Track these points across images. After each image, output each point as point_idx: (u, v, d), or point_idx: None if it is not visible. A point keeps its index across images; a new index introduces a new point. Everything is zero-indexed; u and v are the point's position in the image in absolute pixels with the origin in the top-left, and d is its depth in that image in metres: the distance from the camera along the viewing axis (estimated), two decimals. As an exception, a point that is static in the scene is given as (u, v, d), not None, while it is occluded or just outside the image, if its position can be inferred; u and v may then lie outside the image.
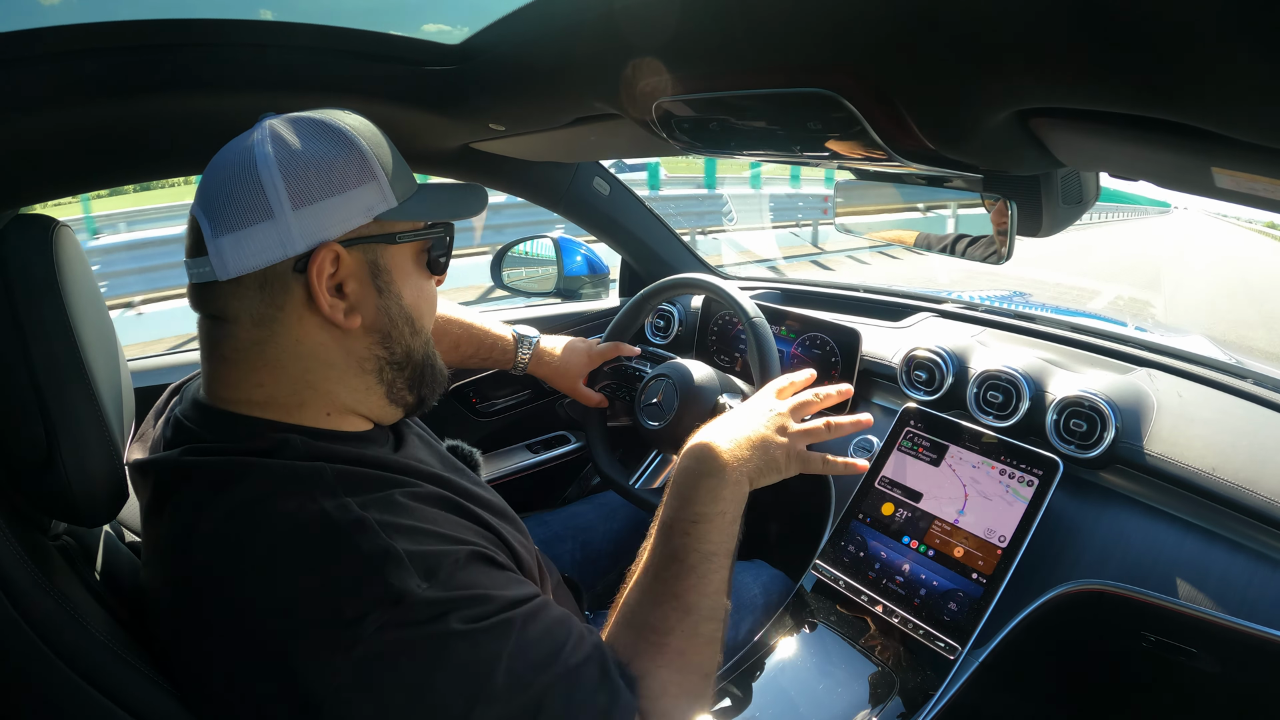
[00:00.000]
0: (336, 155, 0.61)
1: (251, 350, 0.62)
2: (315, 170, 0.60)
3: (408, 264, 0.68)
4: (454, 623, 0.53)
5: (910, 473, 1.18)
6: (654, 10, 0.63)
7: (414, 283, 0.69)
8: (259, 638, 0.52)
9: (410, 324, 0.69)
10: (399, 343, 0.68)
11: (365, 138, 0.64)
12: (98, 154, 0.88)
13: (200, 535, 0.56)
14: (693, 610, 0.67)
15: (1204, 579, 0.94)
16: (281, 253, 0.59)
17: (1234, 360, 1.29)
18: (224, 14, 1.55)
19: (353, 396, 0.67)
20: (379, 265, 0.65)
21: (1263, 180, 0.49)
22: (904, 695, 0.98)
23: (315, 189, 0.60)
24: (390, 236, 0.65)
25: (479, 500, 0.69)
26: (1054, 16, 0.40)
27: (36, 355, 0.59)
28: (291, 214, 0.59)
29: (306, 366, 0.63)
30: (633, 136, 0.99)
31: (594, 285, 1.78)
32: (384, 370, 0.68)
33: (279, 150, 0.59)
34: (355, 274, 0.64)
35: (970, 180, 0.82)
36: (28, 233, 0.61)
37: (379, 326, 0.66)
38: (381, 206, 0.63)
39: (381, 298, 0.66)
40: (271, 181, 0.58)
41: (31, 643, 0.54)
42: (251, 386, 0.62)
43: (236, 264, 0.59)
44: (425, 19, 63.59)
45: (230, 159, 0.61)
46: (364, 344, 0.66)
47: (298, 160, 0.59)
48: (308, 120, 0.63)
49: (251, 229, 0.58)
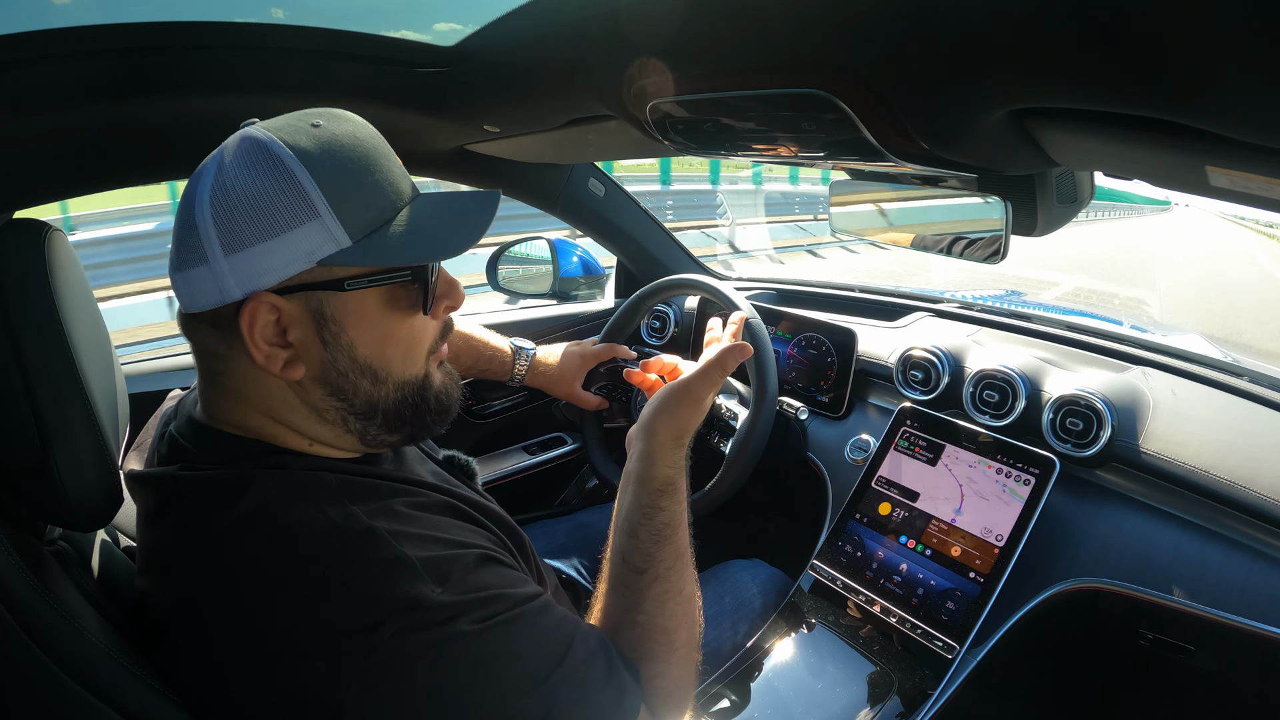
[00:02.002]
0: (271, 192, 0.54)
1: (223, 378, 0.60)
2: (246, 211, 0.54)
3: (368, 309, 0.60)
4: (468, 624, 0.54)
5: (907, 472, 1.19)
6: (648, 11, 0.62)
7: (378, 328, 0.60)
8: (272, 647, 0.52)
9: (371, 374, 0.61)
10: (356, 394, 0.61)
11: (315, 162, 0.55)
12: (89, 158, 0.88)
13: (206, 546, 0.56)
14: (691, 600, 0.70)
15: (1201, 576, 0.94)
16: (219, 298, 0.55)
17: (1230, 358, 1.29)
18: (236, 14, 1.55)
19: (327, 435, 0.63)
20: (325, 315, 0.58)
21: (1257, 179, 0.49)
22: (902, 695, 0.98)
23: (245, 233, 0.54)
24: (338, 283, 0.57)
25: (480, 508, 0.69)
26: (1049, 17, 0.40)
27: (30, 359, 0.59)
28: (224, 259, 0.54)
29: (269, 405, 0.61)
30: (628, 137, 0.99)
31: (589, 286, 1.78)
32: (348, 419, 0.62)
33: (216, 186, 0.54)
34: (298, 321, 0.57)
35: (965, 180, 0.82)
36: (21, 237, 0.60)
37: (327, 379, 0.60)
38: (328, 248, 0.55)
39: (327, 350, 0.59)
40: (204, 224, 0.54)
41: (27, 648, 0.53)
42: (238, 414, 0.62)
43: (188, 302, 0.57)
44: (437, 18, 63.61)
45: (188, 188, 0.57)
46: (317, 394, 0.61)
47: (230, 200, 0.54)
48: (256, 145, 0.55)
49: (191, 271, 0.56)
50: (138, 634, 0.62)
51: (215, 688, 0.56)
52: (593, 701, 0.58)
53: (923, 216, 1.01)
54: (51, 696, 0.54)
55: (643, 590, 0.68)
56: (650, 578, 0.69)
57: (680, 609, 0.69)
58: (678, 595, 0.69)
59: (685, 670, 0.69)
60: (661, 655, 0.67)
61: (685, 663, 0.69)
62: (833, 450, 1.32)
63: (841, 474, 1.27)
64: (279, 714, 0.53)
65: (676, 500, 0.73)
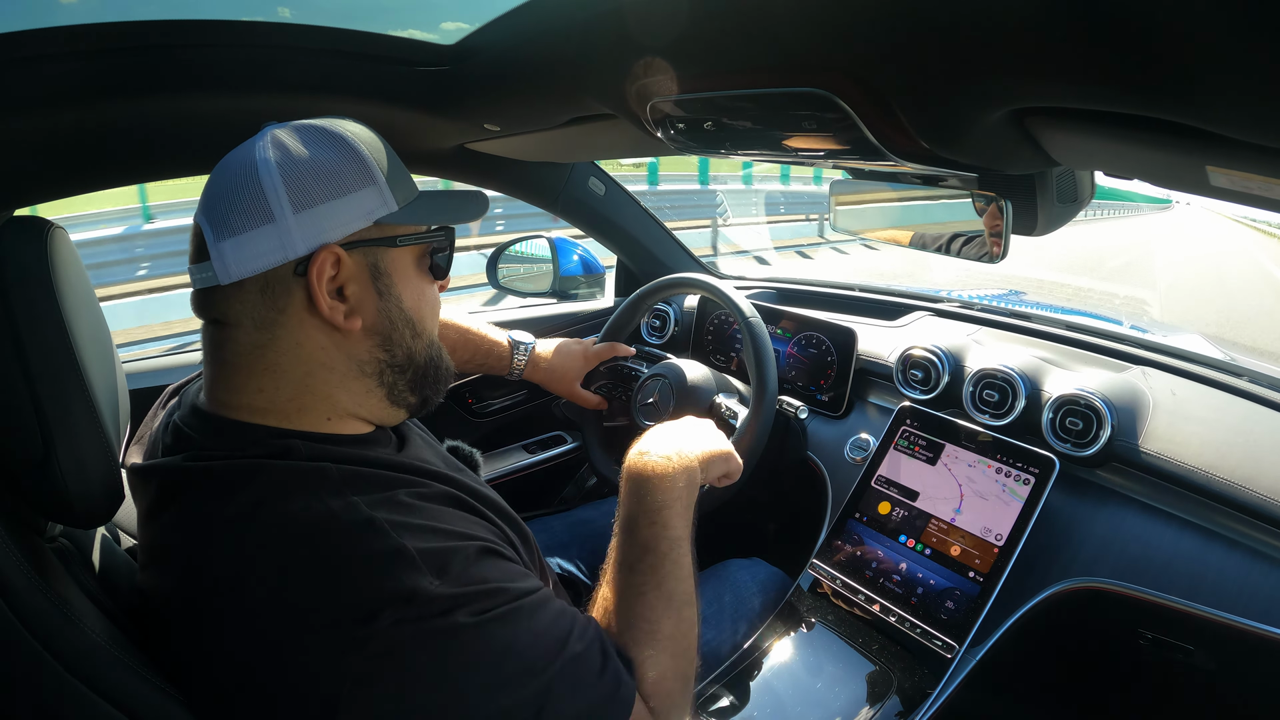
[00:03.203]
0: (337, 160, 0.62)
1: (253, 354, 0.62)
2: (315, 174, 0.60)
3: (409, 268, 0.69)
4: (466, 615, 0.54)
5: (906, 472, 1.19)
6: (650, 10, 0.62)
7: (415, 286, 0.69)
8: (272, 638, 0.53)
9: (411, 326, 0.69)
10: (400, 345, 0.68)
11: (365, 143, 0.64)
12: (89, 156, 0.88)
13: (208, 538, 0.57)
14: (674, 595, 0.70)
15: (1200, 576, 0.94)
16: (282, 255, 0.60)
17: (1229, 358, 1.29)
18: (244, 13, 1.55)
19: (353, 400, 0.67)
20: (379, 268, 0.65)
21: (1257, 178, 0.49)
22: (901, 694, 0.98)
23: (315, 192, 0.60)
24: (391, 240, 0.66)
25: (483, 498, 0.70)
26: (1050, 16, 0.40)
27: (32, 356, 0.59)
28: (292, 217, 0.59)
29: (307, 370, 0.64)
30: (628, 136, 0.99)
31: (589, 285, 1.78)
32: (385, 373, 0.68)
33: (280, 155, 0.60)
34: (356, 277, 0.64)
35: (965, 179, 0.82)
36: (22, 234, 0.61)
37: (379, 329, 0.66)
38: (382, 210, 0.64)
39: (382, 300, 0.66)
40: (273, 185, 0.59)
41: (28, 645, 0.54)
42: (252, 391, 0.63)
43: (238, 268, 0.59)
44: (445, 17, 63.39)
45: (233, 166, 0.61)
46: (364, 347, 0.66)
47: (298, 165, 0.60)
48: (309, 127, 0.63)
49: (253, 233, 0.59)
50: (138, 630, 0.62)
51: (216, 680, 0.56)
52: (587, 694, 0.59)
53: (923, 216, 1.01)
54: (53, 693, 0.54)
55: (625, 580, 0.70)
56: (629, 568, 0.70)
57: (662, 600, 0.69)
58: (657, 589, 0.69)
59: (677, 662, 0.69)
60: (647, 644, 0.68)
61: (675, 655, 0.69)
62: (832, 449, 1.32)
63: (841, 473, 1.27)
64: (278, 705, 0.53)
65: (664, 525, 0.74)
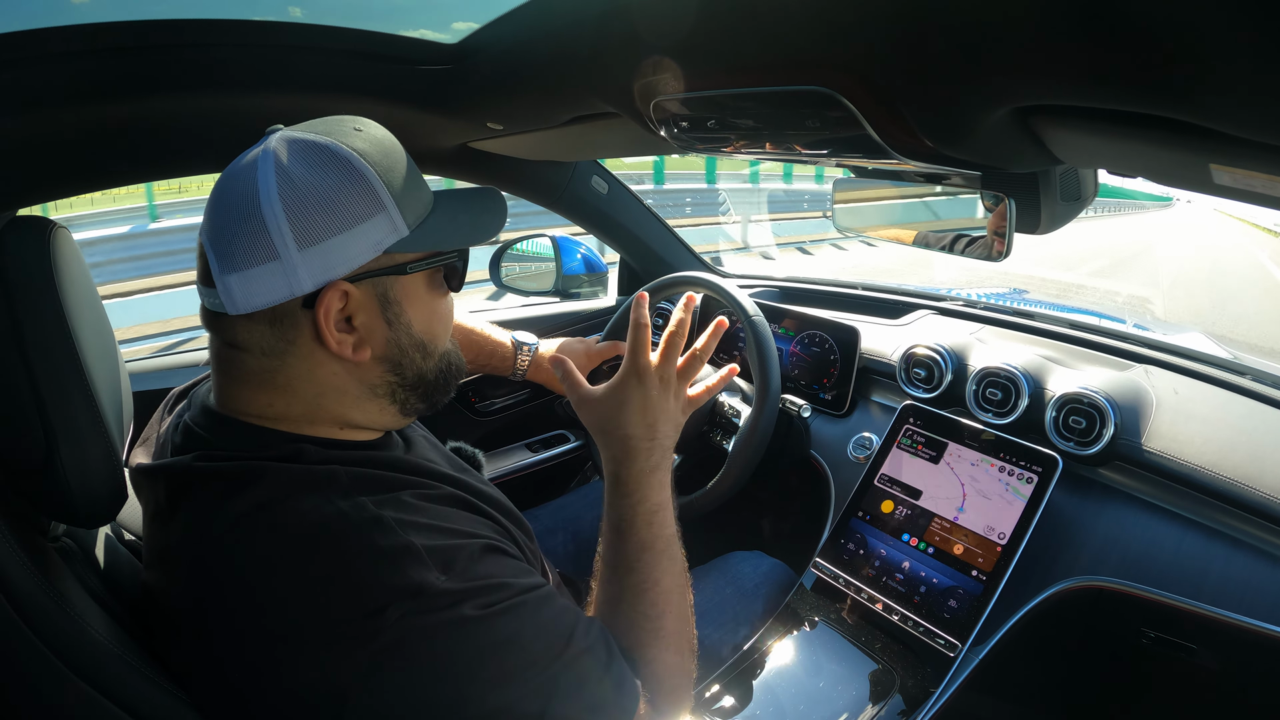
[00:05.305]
0: (343, 188, 0.58)
1: (264, 375, 0.62)
2: (320, 206, 0.57)
3: (419, 291, 0.66)
4: (472, 609, 0.55)
5: (909, 470, 1.19)
6: (653, 9, 0.62)
7: (426, 306, 0.67)
8: (281, 634, 0.53)
9: (422, 349, 0.67)
10: (410, 368, 0.67)
11: (375, 161, 0.60)
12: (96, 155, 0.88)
13: (217, 537, 0.57)
14: (674, 591, 0.71)
15: (1204, 575, 0.94)
16: (289, 292, 0.58)
17: (1232, 356, 1.29)
18: (254, 12, 1.55)
19: (365, 416, 0.67)
20: (389, 297, 0.63)
21: (1260, 176, 0.49)
22: (904, 693, 0.98)
23: (321, 227, 0.57)
24: (400, 268, 0.63)
25: (487, 498, 0.71)
26: (1054, 14, 0.40)
27: (35, 356, 0.59)
28: (297, 255, 0.57)
29: (319, 391, 0.63)
30: (631, 135, 0.99)
31: (592, 284, 1.78)
32: (396, 392, 0.68)
33: (283, 184, 0.57)
34: (365, 307, 0.62)
35: (969, 177, 0.82)
36: (25, 234, 0.61)
37: (389, 357, 0.65)
38: (392, 239, 0.61)
39: (391, 330, 0.64)
40: (275, 221, 0.56)
41: (32, 644, 0.54)
42: (263, 405, 0.63)
43: (245, 302, 0.58)
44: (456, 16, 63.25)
45: (234, 190, 0.58)
46: (375, 373, 0.65)
47: (302, 196, 0.57)
48: (312, 147, 0.59)
49: (258, 269, 0.57)
50: (142, 630, 0.62)
51: (224, 676, 0.56)
52: (593, 690, 0.59)
53: (926, 214, 1.01)
54: (57, 692, 0.54)
55: (624, 581, 0.71)
56: (627, 569, 0.71)
57: (662, 597, 0.70)
58: (655, 586, 0.70)
59: (679, 658, 0.70)
60: (650, 642, 0.68)
61: (678, 650, 0.70)
62: (835, 448, 1.32)
63: (844, 472, 1.27)
64: (285, 702, 0.53)
65: (660, 525, 0.74)
